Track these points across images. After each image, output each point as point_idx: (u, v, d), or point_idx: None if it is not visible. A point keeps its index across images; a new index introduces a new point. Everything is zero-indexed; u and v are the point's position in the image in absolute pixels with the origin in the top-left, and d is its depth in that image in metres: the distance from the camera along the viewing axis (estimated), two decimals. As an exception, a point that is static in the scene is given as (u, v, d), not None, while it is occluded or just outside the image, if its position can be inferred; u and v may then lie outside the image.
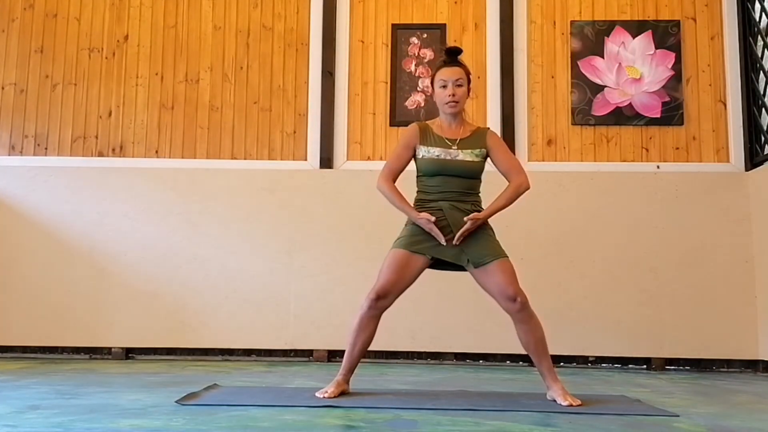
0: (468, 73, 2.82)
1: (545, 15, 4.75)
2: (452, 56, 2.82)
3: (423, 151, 2.80)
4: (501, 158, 2.83)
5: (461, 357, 4.41)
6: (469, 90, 2.83)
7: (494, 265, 2.66)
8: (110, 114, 4.74)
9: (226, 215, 4.52)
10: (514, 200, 2.79)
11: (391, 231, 2.84)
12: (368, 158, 4.65)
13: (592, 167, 4.56)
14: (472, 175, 2.78)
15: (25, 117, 4.74)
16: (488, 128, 2.92)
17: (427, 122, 2.91)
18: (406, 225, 2.82)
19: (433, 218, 2.67)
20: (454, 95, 2.76)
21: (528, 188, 2.81)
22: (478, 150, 2.79)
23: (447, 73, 2.78)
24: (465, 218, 2.67)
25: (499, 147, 2.85)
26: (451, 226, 2.70)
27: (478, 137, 2.83)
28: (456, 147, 2.78)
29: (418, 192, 2.85)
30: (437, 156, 2.77)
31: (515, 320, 2.67)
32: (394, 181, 2.84)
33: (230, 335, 4.41)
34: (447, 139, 2.80)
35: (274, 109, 4.73)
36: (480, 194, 2.83)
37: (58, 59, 4.79)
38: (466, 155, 2.77)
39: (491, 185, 2.84)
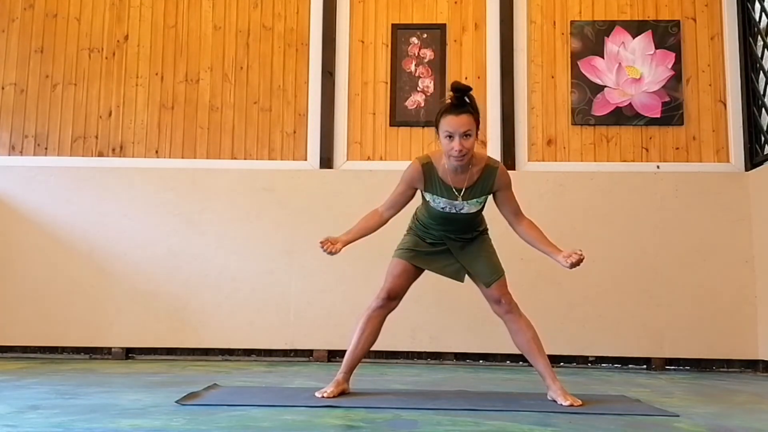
0: (477, 119, 2.55)
1: (545, 15, 4.75)
2: (460, 98, 2.53)
3: (428, 197, 2.70)
4: (507, 203, 2.71)
5: (461, 357, 4.41)
6: (477, 135, 2.57)
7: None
8: (110, 114, 4.74)
9: (226, 215, 4.52)
10: None
11: (391, 231, 2.84)
12: (368, 158, 4.65)
13: (592, 167, 4.56)
14: (474, 220, 2.75)
15: (25, 117, 4.74)
16: (498, 166, 2.67)
17: (430, 158, 2.66)
18: (407, 234, 2.86)
19: (334, 248, 2.69)
20: (461, 150, 2.52)
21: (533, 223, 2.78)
22: (483, 197, 2.68)
23: (454, 124, 2.51)
24: (566, 258, 2.60)
25: (506, 190, 2.69)
26: (451, 250, 2.77)
27: (485, 180, 2.64)
28: (461, 198, 2.64)
29: (420, 208, 2.81)
30: (442, 208, 2.68)
31: (505, 321, 2.75)
32: (389, 215, 2.74)
33: (230, 335, 4.41)
34: (453, 188, 2.64)
35: (274, 109, 4.73)
36: (482, 219, 2.81)
37: (58, 59, 4.79)
38: (471, 206, 2.67)
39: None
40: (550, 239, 2.70)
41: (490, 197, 2.73)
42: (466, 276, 2.81)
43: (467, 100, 2.56)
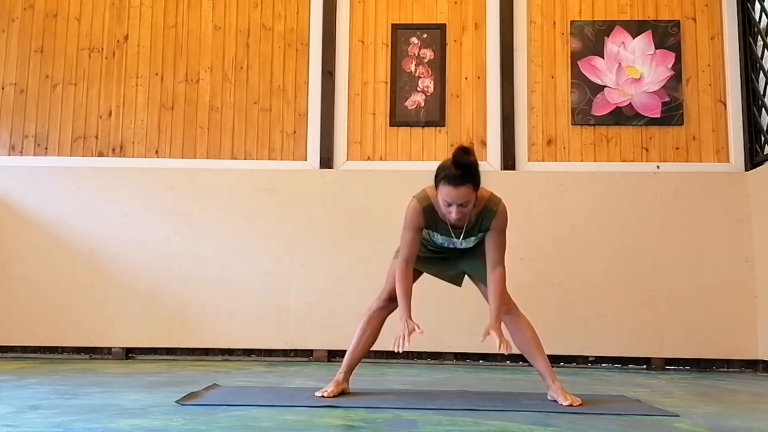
0: (477, 186, 2.49)
1: (545, 15, 4.75)
2: (461, 170, 2.44)
3: (428, 232, 2.69)
4: (494, 244, 2.63)
5: (461, 357, 4.41)
6: (478, 195, 2.52)
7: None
8: (110, 114, 4.74)
9: (226, 215, 4.51)
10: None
11: (391, 231, 2.84)
12: (368, 158, 4.65)
13: (592, 167, 4.56)
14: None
15: (25, 117, 4.74)
16: (497, 208, 2.61)
17: (430, 200, 2.60)
18: None
19: (414, 330, 2.54)
20: (458, 218, 2.52)
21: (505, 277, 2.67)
22: (481, 234, 2.65)
23: (452, 195, 2.45)
24: (490, 331, 2.57)
25: (498, 232, 2.63)
26: (449, 258, 2.79)
27: (484, 220, 2.61)
28: (461, 237, 2.64)
29: None
30: (440, 243, 2.70)
31: (504, 321, 2.73)
32: (413, 264, 2.68)
33: (230, 335, 4.41)
34: (452, 228, 2.63)
35: (274, 109, 4.73)
36: None
37: (58, 59, 4.79)
38: (468, 243, 2.67)
39: (489, 184, 2.83)
40: (502, 305, 2.63)
41: None
42: (466, 277, 2.82)
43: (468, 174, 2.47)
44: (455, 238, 2.66)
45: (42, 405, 2.41)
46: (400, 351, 2.53)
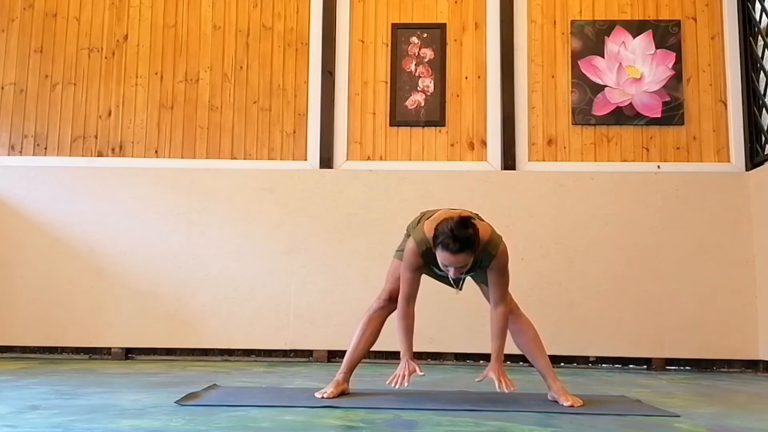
0: (474, 251, 2.44)
1: (545, 14, 4.75)
2: (459, 243, 2.40)
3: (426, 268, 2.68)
4: (495, 283, 2.58)
5: (461, 357, 4.41)
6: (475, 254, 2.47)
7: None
8: (110, 114, 4.74)
9: (226, 215, 4.51)
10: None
11: (391, 231, 2.84)
12: (368, 158, 4.64)
13: (593, 167, 4.55)
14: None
15: (25, 117, 4.74)
16: (496, 252, 2.53)
17: (428, 241, 2.53)
18: (407, 236, 2.83)
19: (414, 371, 2.57)
20: (456, 276, 2.51)
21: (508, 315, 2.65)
22: (480, 268, 2.61)
23: (450, 260, 2.44)
24: (490, 374, 2.57)
25: (499, 273, 2.57)
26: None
27: (482, 260, 2.55)
28: (461, 276, 2.60)
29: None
30: (439, 273, 2.68)
31: None
32: (413, 302, 2.67)
33: (230, 335, 4.41)
34: None
35: (274, 109, 4.73)
36: None
37: (57, 59, 4.79)
38: (468, 276, 2.65)
39: (489, 184, 2.82)
40: (503, 343, 2.60)
41: None
42: (467, 280, 2.80)
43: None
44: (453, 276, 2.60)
45: (42, 405, 2.41)
46: (397, 388, 2.55)
